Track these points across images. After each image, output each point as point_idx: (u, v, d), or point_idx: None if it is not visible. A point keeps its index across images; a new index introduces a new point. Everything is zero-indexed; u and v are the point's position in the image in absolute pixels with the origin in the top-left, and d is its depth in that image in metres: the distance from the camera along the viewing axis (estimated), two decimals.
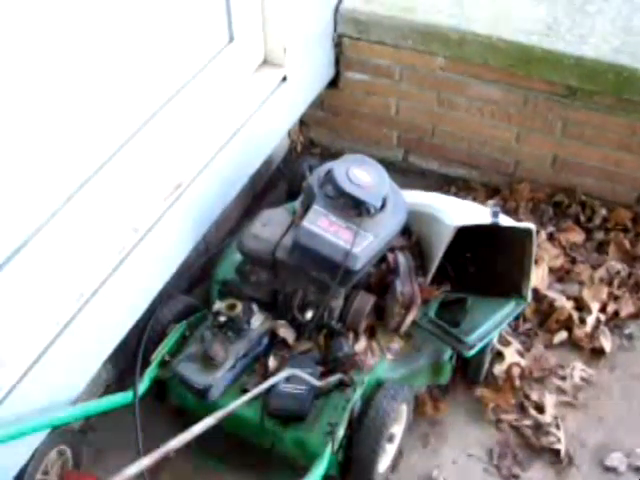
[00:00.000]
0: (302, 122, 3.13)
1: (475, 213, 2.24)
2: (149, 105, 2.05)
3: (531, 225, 2.18)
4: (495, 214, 2.13)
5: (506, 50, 2.58)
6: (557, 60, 2.52)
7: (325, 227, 2.01)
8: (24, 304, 1.74)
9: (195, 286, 2.51)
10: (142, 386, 2.01)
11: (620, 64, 2.47)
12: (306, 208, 2.07)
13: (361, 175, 2.06)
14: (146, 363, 2.07)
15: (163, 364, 2.09)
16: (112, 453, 2.14)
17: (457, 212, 2.20)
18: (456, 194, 2.91)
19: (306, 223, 2.01)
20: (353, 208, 2.03)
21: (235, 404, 1.74)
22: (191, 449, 2.03)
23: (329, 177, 2.07)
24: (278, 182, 2.97)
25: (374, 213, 2.04)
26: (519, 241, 2.21)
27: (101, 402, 2.04)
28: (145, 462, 1.47)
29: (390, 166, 2.24)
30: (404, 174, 2.98)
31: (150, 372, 2.05)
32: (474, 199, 2.86)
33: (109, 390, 2.30)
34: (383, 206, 2.07)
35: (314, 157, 3.00)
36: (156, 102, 2.07)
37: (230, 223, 2.74)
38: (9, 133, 1.60)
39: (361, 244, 2.00)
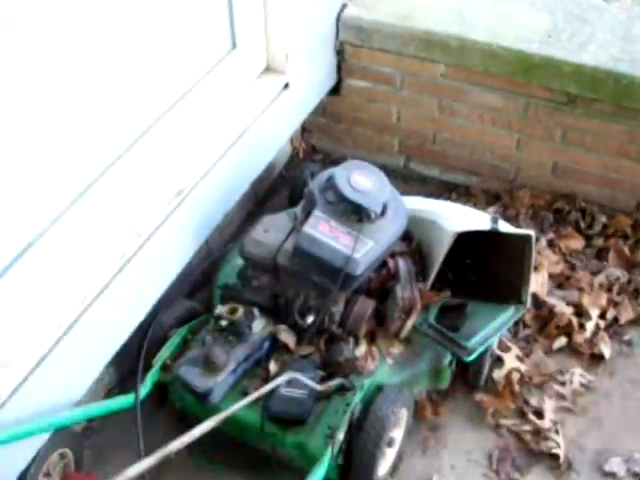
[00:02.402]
0: (304, 129, 3.15)
1: (475, 219, 2.26)
2: (152, 111, 2.07)
3: (530, 231, 2.20)
4: (494, 220, 2.16)
5: (506, 57, 2.60)
6: (557, 67, 2.54)
7: (326, 232, 2.02)
8: (27, 307, 1.75)
9: (197, 290, 2.52)
10: (144, 389, 2.02)
11: (619, 72, 2.49)
12: (307, 214, 2.08)
13: (362, 181, 2.08)
14: (148, 367, 2.09)
15: (165, 368, 2.11)
16: (114, 456, 2.15)
17: (457, 218, 2.22)
18: (457, 200, 2.92)
19: (307, 228, 2.03)
20: (354, 214, 2.05)
21: (235, 407, 1.76)
22: (193, 452, 2.08)
23: (330, 183, 2.08)
24: (280, 188, 2.99)
25: (375, 219, 2.06)
26: (518, 247, 2.22)
27: (103, 405, 2.06)
28: (146, 463, 1.49)
29: (391, 173, 2.25)
30: (405, 181, 3.00)
31: (152, 376, 2.07)
32: (475, 205, 2.87)
33: (111, 393, 2.32)
34: (384, 212, 2.09)
35: (316, 163, 3.02)
36: (159, 108, 2.09)
37: (232, 228, 2.75)
38: (13, 138, 1.62)
39: (362, 249, 2.02)
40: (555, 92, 2.62)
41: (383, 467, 2.07)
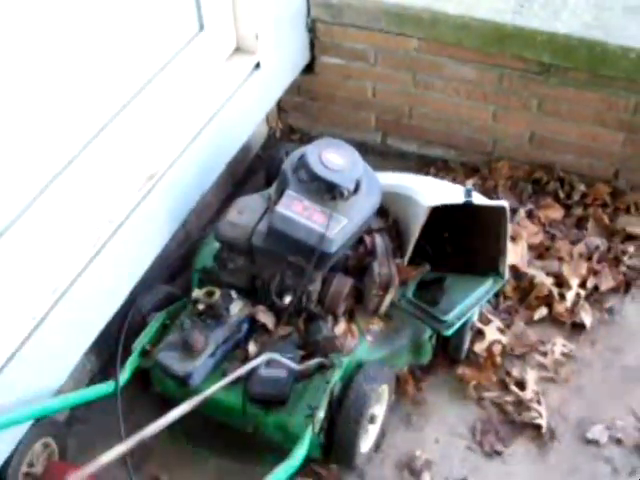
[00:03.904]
0: (280, 108, 3.13)
1: (449, 192, 2.26)
2: (120, 95, 2.05)
3: (504, 202, 2.19)
4: (468, 193, 2.15)
5: (479, 29, 2.58)
6: (530, 37, 2.52)
7: (299, 211, 2.02)
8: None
9: (176, 275, 2.52)
10: (124, 376, 2.03)
11: (593, 39, 2.47)
12: (280, 193, 2.08)
13: (334, 158, 2.07)
14: (128, 352, 2.09)
15: (144, 353, 2.11)
16: (98, 444, 2.13)
17: (431, 192, 2.21)
18: (435, 175, 2.91)
19: (280, 208, 2.02)
20: (327, 192, 2.04)
21: (212, 389, 1.76)
22: (176, 437, 2.09)
23: (302, 161, 2.08)
24: (258, 169, 2.97)
25: (348, 196, 2.05)
26: (494, 219, 2.22)
27: (83, 393, 2.05)
28: (121, 448, 1.48)
29: (369, 149, 2.25)
30: (383, 157, 2.99)
31: (131, 362, 2.07)
32: (454, 179, 2.87)
33: (94, 379, 2.31)
34: (357, 189, 2.08)
35: (293, 143, 3.01)
36: (127, 93, 2.07)
37: (210, 211, 2.74)
38: None
39: (336, 227, 2.02)
40: (529, 62, 2.61)
41: (366, 444, 2.08)
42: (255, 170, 2.98)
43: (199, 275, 2.26)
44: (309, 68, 2.96)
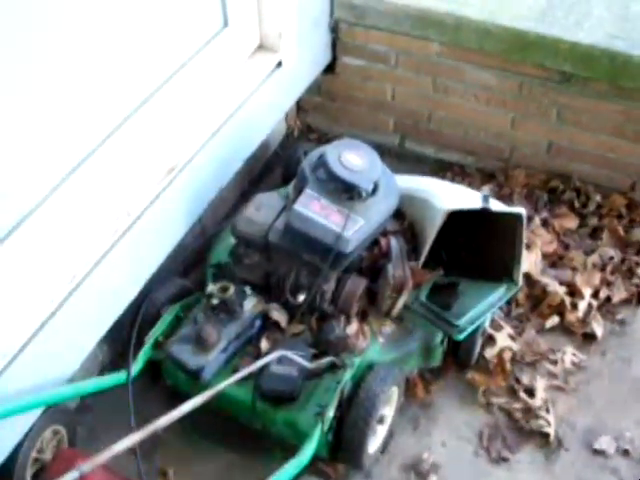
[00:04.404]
0: (299, 107, 3.15)
1: (466, 198, 2.26)
2: (143, 89, 2.06)
3: (521, 209, 2.20)
4: (486, 199, 2.15)
5: (501, 36, 2.58)
6: (552, 45, 2.53)
7: (317, 211, 2.03)
8: (18, 284, 1.76)
9: (191, 269, 2.53)
10: (136, 367, 2.04)
11: (615, 50, 2.47)
12: (298, 192, 2.09)
13: (353, 159, 2.08)
14: (140, 344, 2.10)
15: (157, 345, 2.12)
16: (107, 433, 2.13)
17: (448, 196, 2.22)
18: (452, 180, 2.91)
19: (298, 206, 2.03)
20: (345, 192, 2.05)
21: (225, 383, 1.77)
22: (186, 430, 2.10)
23: (321, 161, 2.09)
24: (275, 167, 2.98)
25: (366, 197, 2.06)
26: (510, 226, 2.22)
27: (95, 382, 2.07)
28: (135, 437, 1.51)
29: (387, 152, 2.25)
30: (400, 160, 2.99)
31: (144, 353, 2.08)
32: (469, 185, 2.87)
33: (105, 370, 2.33)
34: (375, 190, 2.09)
35: (311, 142, 3.01)
36: (150, 86, 2.09)
37: (226, 207, 2.75)
38: (2, 115, 1.62)
39: (352, 228, 2.03)
40: (550, 71, 2.61)
41: (373, 444, 2.09)
42: (272, 168, 2.99)
43: (213, 270, 2.27)
44: (330, 68, 2.97)
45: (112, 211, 1.98)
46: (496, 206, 2.20)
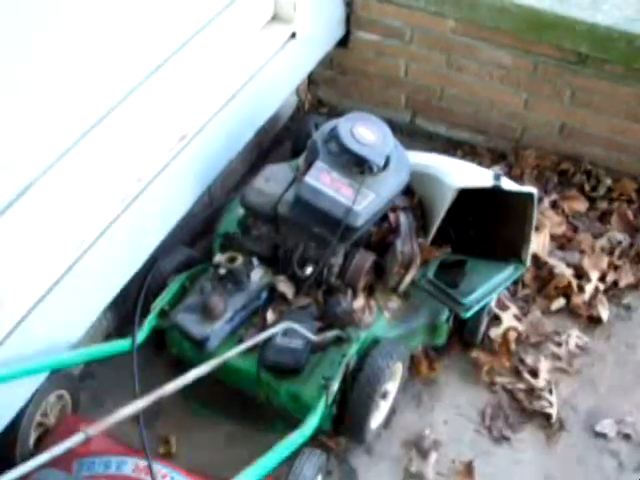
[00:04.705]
0: (311, 81, 3.12)
1: (478, 176, 2.25)
2: (156, 56, 2.04)
3: (533, 189, 2.19)
4: (497, 177, 2.14)
5: (518, 14, 2.56)
6: (569, 26, 2.50)
7: (327, 183, 2.02)
8: (26, 247, 1.75)
9: (198, 239, 2.53)
10: (141, 334, 2.04)
11: (633, 32, 2.46)
12: (309, 164, 2.07)
13: (365, 133, 2.07)
14: (146, 312, 2.10)
15: (162, 314, 2.12)
16: (110, 399, 2.16)
17: (460, 174, 2.20)
18: (462, 158, 2.89)
19: (308, 178, 2.02)
20: (356, 166, 2.04)
21: (231, 353, 1.78)
22: (188, 399, 2.11)
23: (333, 134, 2.07)
24: (284, 140, 2.97)
25: (377, 171, 2.05)
26: (521, 205, 2.22)
27: (100, 347, 2.08)
28: (141, 403, 1.51)
29: (397, 128, 2.24)
30: (411, 136, 2.98)
31: (150, 321, 2.07)
32: (479, 164, 2.84)
33: (109, 338, 2.33)
34: (386, 165, 2.08)
35: (321, 116, 3.00)
36: (164, 53, 2.07)
37: (235, 178, 2.74)
38: (16, 77, 1.60)
39: (362, 202, 2.02)
40: (566, 51, 2.59)
41: (376, 419, 2.09)
42: (281, 140, 2.98)
43: (221, 240, 2.26)
44: (343, 42, 2.95)
45: (123, 177, 1.97)
46: (508, 185, 2.19)
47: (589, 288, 2.47)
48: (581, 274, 2.51)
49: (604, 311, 2.45)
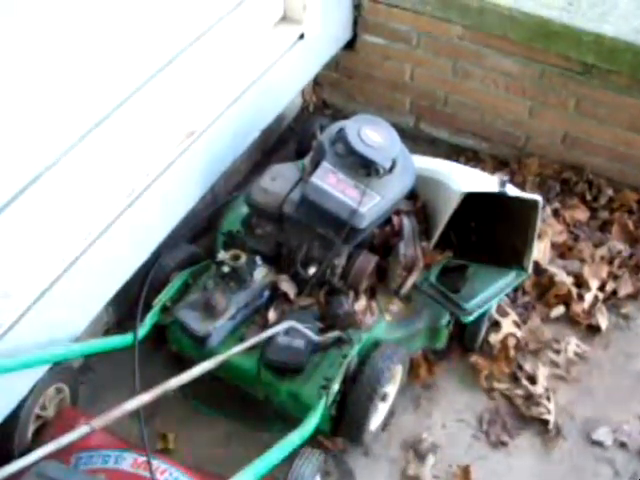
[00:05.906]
0: (316, 83, 3.13)
1: (483, 181, 2.26)
2: (166, 52, 2.05)
3: (537, 196, 2.19)
4: (503, 183, 2.15)
5: (525, 23, 2.56)
6: (576, 36, 2.51)
7: (333, 184, 2.02)
8: (32, 239, 1.76)
9: (200, 236, 2.53)
10: (142, 329, 2.04)
11: (639, 44, 2.46)
12: (315, 165, 2.08)
13: (372, 135, 2.07)
14: (147, 308, 2.10)
15: (164, 310, 2.12)
16: (109, 393, 2.16)
17: (465, 179, 2.21)
18: (465, 164, 2.90)
19: (314, 179, 2.03)
20: (362, 167, 2.05)
21: (233, 350, 1.78)
22: (188, 395, 2.11)
23: (340, 135, 2.08)
24: (289, 140, 2.97)
25: (383, 174, 2.06)
26: (524, 212, 2.22)
27: (102, 342, 2.08)
28: (144, 398, 1.51)
29: (401, 132, 2.23)
30: (414, 141, 2.97)
31: (151, 316, 2.08)
32: (482, 171, 2.86)
33: (110, 333, 2.33)
34: (392, 168, 2.08)
35: (326, 117, 3.00)
36: (173, 50, 2.07)
37: (239, 177, 2.75)
38: (26, 70, 1.61)
39: (368, 203, 2.02)
40: (572, 61, 2.60)
41: (375, 421, 2.10)
42: (286, 141, 2.99)
43: (224, 238, 2.27)
44: (350, 45, 2.95)
45: (131, 171, 1.97)
46: (513, 191, 2.20)
47: (589, 297, 2.48)
48: (581, 283, 2.52)
49: (603, 320, 2.45)
